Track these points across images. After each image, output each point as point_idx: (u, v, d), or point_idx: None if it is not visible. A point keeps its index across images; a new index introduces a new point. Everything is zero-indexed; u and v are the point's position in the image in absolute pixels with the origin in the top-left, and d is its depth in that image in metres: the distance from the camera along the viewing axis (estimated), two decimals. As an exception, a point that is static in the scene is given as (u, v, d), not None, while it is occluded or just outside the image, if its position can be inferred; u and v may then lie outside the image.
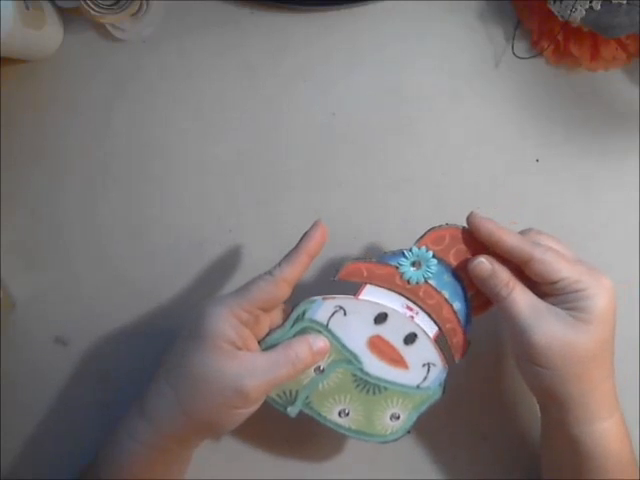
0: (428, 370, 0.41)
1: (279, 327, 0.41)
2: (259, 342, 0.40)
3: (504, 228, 0.39)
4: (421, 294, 0.40)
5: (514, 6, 0.51)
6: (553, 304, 0.38)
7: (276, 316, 0.41)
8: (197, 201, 0.51)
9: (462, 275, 0.41)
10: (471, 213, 0.40)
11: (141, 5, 0.49)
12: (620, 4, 0.44)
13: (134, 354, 0.49)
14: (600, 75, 0.50)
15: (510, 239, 0.38)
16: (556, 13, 0.47)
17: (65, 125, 0.51)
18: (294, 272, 0.39)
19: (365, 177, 0.51)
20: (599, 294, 0.37)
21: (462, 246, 0.40)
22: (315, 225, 0.40)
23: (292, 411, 0.41)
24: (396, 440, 0.42)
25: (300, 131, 0.51)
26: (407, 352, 0.41)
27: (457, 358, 0.41)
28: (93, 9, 0.47)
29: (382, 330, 0.41)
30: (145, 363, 0.49)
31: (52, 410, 0.49)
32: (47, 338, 0.50)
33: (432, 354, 0.41)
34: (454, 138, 0.51)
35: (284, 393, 0.41)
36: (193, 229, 0.50)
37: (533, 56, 0.50)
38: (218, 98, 0.51)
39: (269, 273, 0.39)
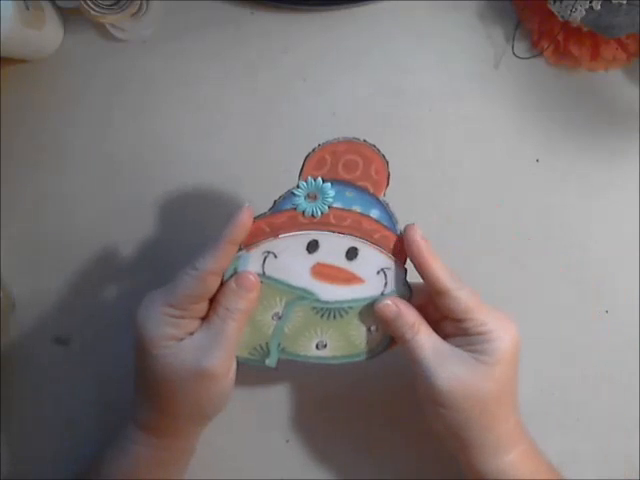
0: (385, 275, 0.40)
1: None
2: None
3: (434, 254, 0.38)
4: (332, 220, 0.39)
5: (514, 6, 0.51)
6: (457, 345, 0.38)
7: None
8: (197, 201, 0.51)
9: (363, 182, 0.39)
10: (411, 225, 0.39)
11: (141, 5, 0.49)
12: (620, 4, 0.44)
13: (134, 354, 0.49)
14: (600, 75, 0.50)
15: (435, 266, 0.38)
16: (556, 13, 0.47)
17: (65, 125, 0.51)
18: (219, 263, 0.37)
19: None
20: (502, 338, 0.37)
21: (348, 157, 0.38)
22: (238, 210, 0.38)
23: (270, 362, 0.40)
24: (385, 350, 0.41)
25: (300, 131, 0.51)
26: (355, 267, 0.39)
27: (403, 260, 0.40)
28: (93, 9, 0.47)
29: (320, 257, 0.39)
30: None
31: (52, 410, 0.49)
32: (47, 338, 0.50)
33: (380, 259, 0.39)
34: (454, 138, 0.51)
35: (255, 349, 0.40)
36: (193, 229, 0.50)
37: (533, 56, 0.50)
38: (218, 98, 0.51)
39: (193, 267, 0.37)
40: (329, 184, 0.38)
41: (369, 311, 0.40)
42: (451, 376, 0.37)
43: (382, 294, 0.40)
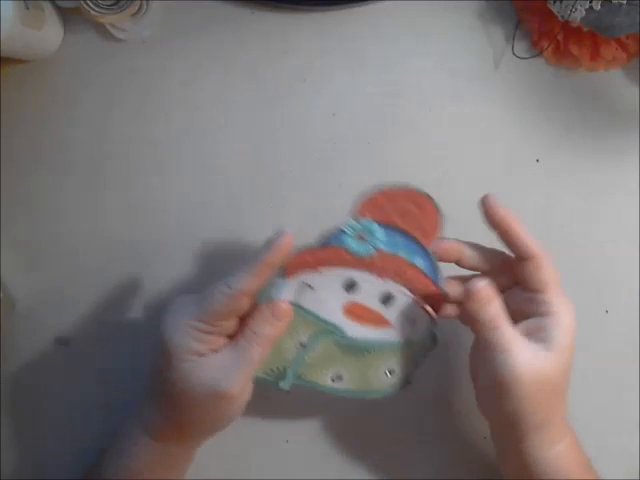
0: (414, 324, 0.40)
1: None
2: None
3: (516, 219, 0.39)
4: (376, 262, 0.39)
5: (514, 6, 0.51)
6: (525, 332, 0.38)
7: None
8: (197, 201, 0.51)
9: (413, 230, 0.39)
10: (486, 196, 0.39)
11: (141, 5, 0.49)
12: (620, 4, 0.44)
13: (134, 354, 0.49)
14: (600, 75, 0.50)
15: (523, 232, 0.38)
16: (556, 13, 0.47)
17: (65, 125, 0.51)
18: (253, 284, 0.37)
19: (365, 177, 0.50)
20: (565, 322, 0.38)
21: (403, 204, 0.38)
22: (279, 234, 0.37)
23: (284, 385, 0.41)
24: (398, 393, 0.41)
25: (300, 131, 0.51)
26: (387, 312, 0.40)
27: (438, 314, 0.40)
28: (93, 9, 0.47)
29: (355, 296, 0.39)
30: (145, 363, 0.49)
31: (52, 410, 0.49)
32: (47, 338, 0.50)
33: (414, 309, 0.39)
34: (454, 138, 0.51)
35: (272, 370, 0.40)
36: (193, 229, 0.50)
37: (533, 56, 0.50)
38: (218, 98, 0.51)
39: (227, 285, 0.37)
40: (379, 227, 0.38)
41: (390, 354, 0.40)
42: (526, 367, 0.36)
43: (407, 341, 0.40)
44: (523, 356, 0.37)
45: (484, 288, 0.38)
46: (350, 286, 0.39)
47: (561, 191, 0.50)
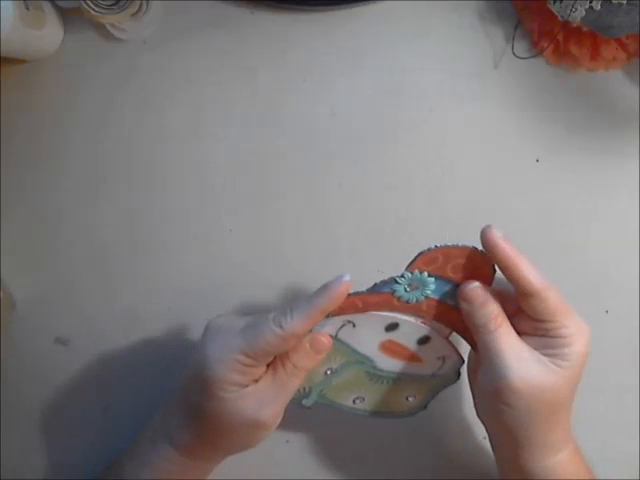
0: (443, 362, 0.41)
1: None
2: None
3: (519, 255, 0.36)
4: (424, 308, 0.39)
5: (514, 6, 0.51)
6: (533, 346, 0.37)
7: None
8: (197, 201, 0.51)
9: (464, 282, 0.39)
10: (488, 228, 0.37)
11: (141, 5, 0.49)
12: (620, 4, 0.44)
13: (134, 354, 0.49)
14: (600, 75, 0.50)
15: (524, 268, 0.36)
16: (556, 13, 0.47)
17: (65, 125, 0.51)
18: (306, 328, 0.37)
19: (365, 177, 0.51)
20: (580, 342, 0.37)
21: (459, 260, 0.38)
22: (338, 281, 0.37)
23: (307, 402, 0.42)
24: (413, 415, 0.43)
25: (300, 131, 0.51)
26: (421, 350, 0.41)
27: (474, 349, 0.41)
28: (93, 9, 0.47)
29: (394, 336, 0.40)
30: (145, 363, 0.49)
31: (52, 410, 0.49)
32: (47, 338, 0.50)
33: (447, 349, 0.40)
34: (454, 138, 0.51)
35: (297, 390, 0.41)
36: (193, 229, 0.50)
37: (533, 56, 0.50)
38: (218, 98, 0.51)
39: (279, 325, 0.36)
40: (433, 279, 0.38)
41: (414, 384, 0.42)
42: (527, 376, 0.36)
43: (432, 375, 0.42)
44: (519, 365, 0.36)
45: (475, 289, 0.38)
46: (392, 328, 0.40)
47: (561, 191, 0.50)
